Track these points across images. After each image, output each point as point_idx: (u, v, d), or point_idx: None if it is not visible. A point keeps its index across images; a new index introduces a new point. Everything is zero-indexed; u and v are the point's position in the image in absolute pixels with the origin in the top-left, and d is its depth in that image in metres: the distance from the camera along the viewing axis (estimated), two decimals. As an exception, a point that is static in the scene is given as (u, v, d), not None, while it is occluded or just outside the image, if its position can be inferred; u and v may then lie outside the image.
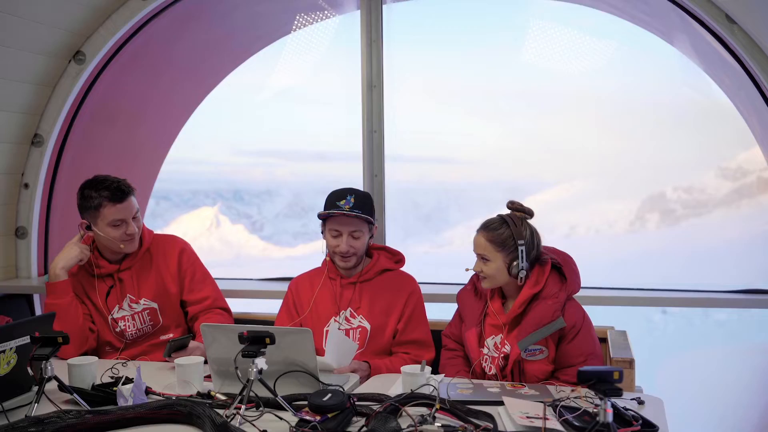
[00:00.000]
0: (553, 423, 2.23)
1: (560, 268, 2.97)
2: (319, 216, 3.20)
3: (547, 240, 3.03)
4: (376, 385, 2.78)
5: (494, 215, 3.00)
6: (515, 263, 2.89)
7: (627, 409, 2.29)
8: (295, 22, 4.77)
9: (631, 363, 2.85)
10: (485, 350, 2.97)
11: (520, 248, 2.88)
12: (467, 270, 3.05)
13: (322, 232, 3.25)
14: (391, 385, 2.73)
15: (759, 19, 3.38)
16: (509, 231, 2.90)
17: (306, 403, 2.33)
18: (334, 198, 3.19)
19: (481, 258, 2.94)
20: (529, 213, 2.97)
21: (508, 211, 3.00)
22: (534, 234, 2.95)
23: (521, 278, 2.91)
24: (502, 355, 2.91)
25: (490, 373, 2.94)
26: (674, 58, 4.40)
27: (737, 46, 3.52)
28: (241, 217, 18.93)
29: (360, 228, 3.17)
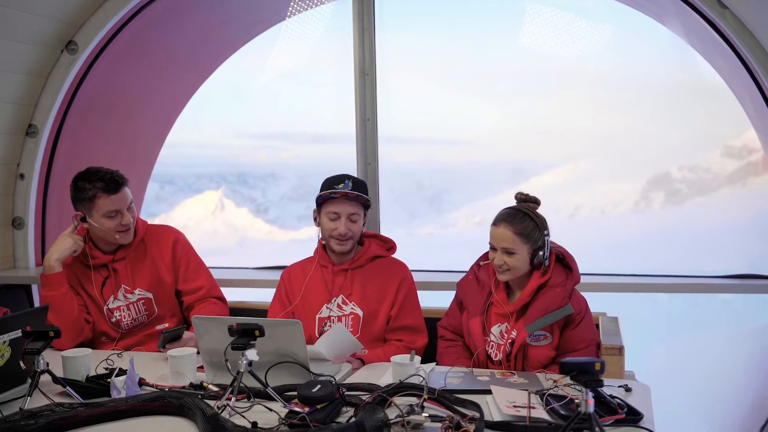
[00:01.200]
0: (540, 412, 2.25)
1: (563, 259, 3.00)
2: (319, 199, 3.22)
3: (552, 220, 3.05)
4: (367, 374, 2.81)
5: (505, 208, 2.99)
6: (540, 253, 2.90)
7: (613, 397, 2.30)
8: (290, 8, 4.76)
9: (620, 350, 2.85)
10: (491, 338, 2.99)
11: (545, 237, 2.91)
12: (481, 264, 3.09)
13: (315, 219, 3.28)
14: (382, 374, 2.75)
15: (750, 4, 3.36)
16: (533, 222, 2.91)
17: (297, 394, 2.35)
18: (332, 182, 3.22)
19: (506, 251, 2.91)
20: (537, 202, 2.99)
21: (515, 202, 3.01)
22: (546, 222, 2.97)
23: (545, 266, 2.94)
24: (509, 341, 2.93)
25: (496, 359, 2.97)
26: (675, 39, 4.40)
27: (729, 30, 3.50)
28: (245, 200, 18.92)
29: (357, 211, 3.22)
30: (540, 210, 3.00)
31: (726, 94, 4.23)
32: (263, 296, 3.94)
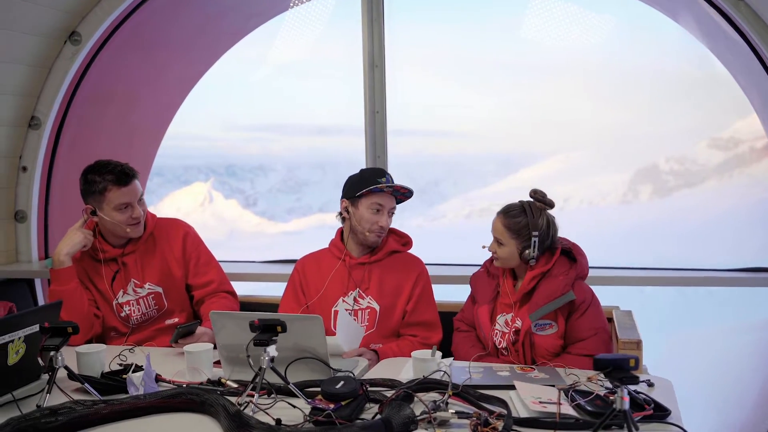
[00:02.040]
0: (566, 408, 2.23)
1: (569, 253, 3.03)
2: (363, 190, 3.18)
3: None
4: (385, 369, 2.78)
5: (518, 200, 3.05)
6: (527, 251, 2.96)
7: (638, 393, 2.29)
8: (293, -1, 4.73)
9: (638, 344, 2.84)
10: (497, 326, 3.03)
11: (533, 238, 2.95)
12: (483, 247, 3.10)
13: (345, 209, 3.25)
14: (400, 369, 2.74)
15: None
16: (526, 220, 2.97)
17: (318, 390, 2.33)
18: (374, 175, 3.22)
19: (497, 241, 3.01)
20: (550, 204, 3.03)
21: (530, 199, 3.05)
22: (551, 225, 3.01)
23: (531, 266, 2.98)
24: (514, 329, 2.97)
25: (501, 346, 3.00)
26: (671, 31, 4.38)
27: (742, 21, 3.50)
28: (234, 192, 18.87)
29: (395, 206, 3.25)
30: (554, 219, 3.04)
31: (720, 88, 4.23)
32: (268, 290, 3.92)
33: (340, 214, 3.29)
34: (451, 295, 3.61)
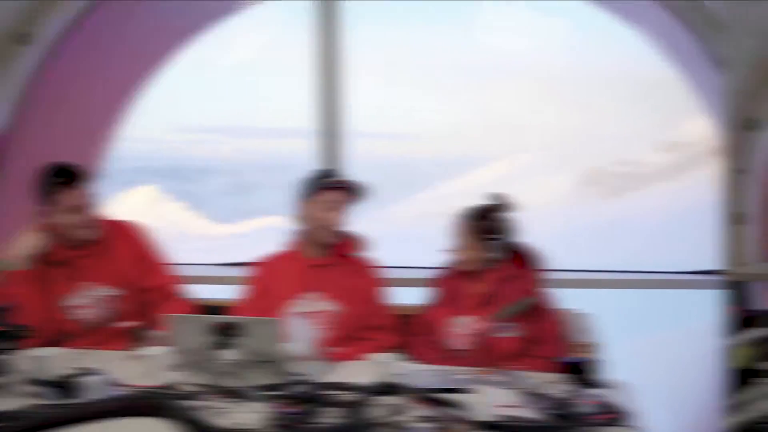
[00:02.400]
0: (527, 411, 2.25)
1: (530, 255, 3.07)
2: (315, 188, 3.18)
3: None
4: (344, 373, 2.77)
5: (476, 204, 3.08)
6: (490, 254, 3.00)
7: (599, 396, 2.32)
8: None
9: (595, 347, 2.89)
10: (457, 329, 3.04)
11: (496, 241, 3.00)
12: (444, 250, 3.13)
13: (299, 210, 3.23)
14: (358, 373, 2.72)
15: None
16: (488, 223, 3.00)
17: (278, 393, 2.31)
18: (323, 175, 3.25)
19: (458, 243, 3.05)
20: (511, 207, 3.05)
21: (490, 202, 3.07)
22: (512, 228, 3.04)
23: (493, 268, 3.01)
24: (474, 332, 2.99)
25: (461, 349, 3.01)
26: (624, 33, 4.45)
27: (695, 22, 3.56)
28: (181, 195, 18.67)
29: (345, 203, 3.23)
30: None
31: (666, 88, 4.29)
32: (224, 292, 3.87)
33: (295, 216, 3.28)
34: (405, 297, 3.61)
